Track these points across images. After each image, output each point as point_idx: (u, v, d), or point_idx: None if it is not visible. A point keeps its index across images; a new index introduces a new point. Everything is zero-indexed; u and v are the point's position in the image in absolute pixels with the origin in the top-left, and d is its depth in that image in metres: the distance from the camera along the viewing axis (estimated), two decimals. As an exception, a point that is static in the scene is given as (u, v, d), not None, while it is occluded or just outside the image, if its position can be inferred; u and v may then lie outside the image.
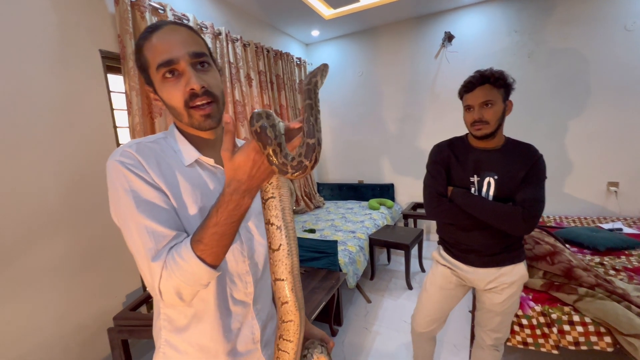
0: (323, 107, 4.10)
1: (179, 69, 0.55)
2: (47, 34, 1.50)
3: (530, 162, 1.09)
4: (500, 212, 1.06)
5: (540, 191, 1.07)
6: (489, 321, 1.25)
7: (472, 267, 1.20)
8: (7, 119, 1.38)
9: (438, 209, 1.18)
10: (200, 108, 0.56)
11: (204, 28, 2.31)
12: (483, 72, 1.08)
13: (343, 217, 3.20)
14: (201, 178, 0.61)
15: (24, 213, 1.43)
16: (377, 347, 1.91)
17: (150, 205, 0.52)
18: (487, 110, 1.08)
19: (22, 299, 1.43)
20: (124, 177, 0.52)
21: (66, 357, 1.59)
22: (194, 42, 0.57)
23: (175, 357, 0.61)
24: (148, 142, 0.59)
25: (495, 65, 3.16)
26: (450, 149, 1.22)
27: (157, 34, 0.56)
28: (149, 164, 0.55)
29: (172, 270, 0.48)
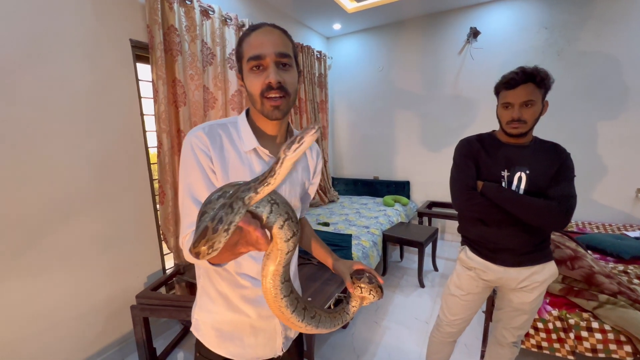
0: (341, 100, 4.09)
1: (264, 64, 0.65)
2: (82, 23, 1.57)
3: (560, 159, 1.09)
4: (536, 207, 1.03)
5: (573, 188, 1.06)
6: (515, 319, 1.23)
7: (502, 267, 1.17)
8: (44, 105, 1.46)
9: (469, 202, 1.15)
10: (272, 99, 0.65)
11: (228, 19, 2.34)
12: (527, 69, 1.04)
13: (357, 212, 3.20)
14: (253, 164, 0.70)
15: (59, 194, 1.51)
16: (387, 341, 1.93)
17: (197, 193, 0.65)
18: (527, 110, 1.06)
19: (54, 274, 1.53)
20: (190, 158, 0.66)
21: (92, 330, 1.70)
22: (282, 44, 0.66)
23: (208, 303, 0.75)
24: (219, 124, 0.71)
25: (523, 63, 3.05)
26: (480, 143, 1.20)
27: (255, 32, 0.66)
28: (214, 146, 0.67)
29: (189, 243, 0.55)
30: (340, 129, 4.20)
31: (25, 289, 1.44)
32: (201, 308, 0.77)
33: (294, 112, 3.26)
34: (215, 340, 0.75)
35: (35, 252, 1.46)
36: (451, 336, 1.37)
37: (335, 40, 4.00)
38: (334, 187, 4.14)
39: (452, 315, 1.32)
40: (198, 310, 0.77)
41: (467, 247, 1.28)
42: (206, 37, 2.19)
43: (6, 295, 1.38)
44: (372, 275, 0.75)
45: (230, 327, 0.75)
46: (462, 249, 1.31)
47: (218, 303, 0.74)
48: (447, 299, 1.34)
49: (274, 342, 0.78)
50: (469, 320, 1.34)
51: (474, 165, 1.18)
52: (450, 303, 1.32)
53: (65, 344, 1.59)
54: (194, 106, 2.12)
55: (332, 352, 1.85)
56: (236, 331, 0.75)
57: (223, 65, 2.32)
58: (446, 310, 1.35)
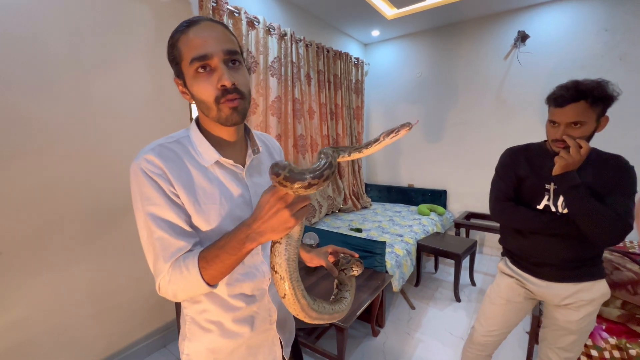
0: (377, 107, 4.07)
1: (211, 65, 0.57)
2: (145, 35, 1.74)
3: (620, 172, 1.00)
4: (604, 214, 0.93)
5: (632, 203, 0.96)
6: (560, 339, 1.15)
7: (545, 282, 1.12)
8: (112, 108, 1.63)
9: (503, 213, 1.14)
10: (229, 101, 0.58)
11: (271, 29, 2.45)
12: (579, 85, 0.94)
13: (391, 220, 3.15)
14: (219, 179, 0.63)
15: (124, 188, 1.68)
16: (419, 354, 1.87)
17: (168, 219, 0.57)
18: (574, 130, 0.97)
19: (114, 263, 1.69)
20: (146, 185, 0.56)
21: (139, 316, 1.84)
22: (228, 39, 0.59)
23: (199, 333, 0.67)
24: (169, 142, 0.62)
25: (580, 68, 2.86)
26: (525, 154, 1.16)
27: (194, 29, 0.57)
28: (170, 168, 0.58)
29: (175, 278, 0.55)
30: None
31: (90, 273, 1.60)
32: (191, 340, 0.68)
33: (330, 117, 3.31)
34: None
35: (98, 242, 1.62)
36: (485, 349, 1.30)
37: (373, 47, 4.01)
38: (367, 193, 4.11)
39: (489, 325, 1.26)
40: (187, 343, 0.69)
41: (508, 258, 1.24)
42: (251, 47, 2.31)
43: (74, 278, 1.55)
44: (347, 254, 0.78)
45: (226, 354, 0.68)
46: (503, 259, 1.27)
47: (211, 331, 0.67)
48: (485, 308, 1.29)
49: (274, 354, 0.75)
50: (506, 334, 1.27)
51: (515, 176, 1.14)
52: (488, 311, 1.27)
53: (116, 328, 1.74)
54: (237, 111, 2.24)
55: (362, 358, 1.83)
56: (234, 357, 0.69)
57: (265, 72, 2.43)
58: (482, 319, 1.29)
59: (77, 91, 1.50)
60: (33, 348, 1.44)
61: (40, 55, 1.38)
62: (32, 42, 1.36)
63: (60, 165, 1.47)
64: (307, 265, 0.87)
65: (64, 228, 1.50)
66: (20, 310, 1.39)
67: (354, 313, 1.61)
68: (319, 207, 3.13)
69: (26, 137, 1.37)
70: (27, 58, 1.35)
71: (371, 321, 2.03)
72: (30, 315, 1.42)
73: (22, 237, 1.38)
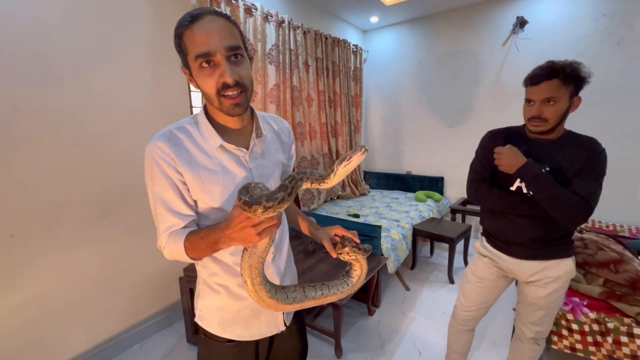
0: (375, 94, 4.08)
1: (214, 61, 0.60)
2: (143, 26, 1.76)
3: (589, 155, 1.03)
4: (566, 199, 0.98)
5: (599, 185, 1.01)
6: (531, 314, 1.23)
7: (515, 259, 1.19)
8: (113, 98, 1.67)
9: (477, 193, 1.20)
10: (230, 97, 0.62)
11: (269, 16, 2.46)
12: (553, 64, 1.00)
13: (388, 206, 3.22)
14: (222, 162, 0.69)
15: (124, 175, 1.74)
16: (412, 332, 1.97)
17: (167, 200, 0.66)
18: (548, 108, 1.02)
19: (119, 245, 1.77)
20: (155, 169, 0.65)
21: (145, 297, 1.93)
22: (230, 35, 0.61)
23: (210, 293, 0.76)
24: (176, 129, 0.68)
25: (576, 54, 2.89)
26: (504, 137, 1.20)
27: (198, 24, 0.59)
28: (178, 154, 0.65)
29: (168, 246, 0.67)
30: (374, 122, 4.20)
31: (98, 256, 1.68)
32: (203, 299, 0.77)
33: (329, 105, 3.33)
34: (219, 327, 0.77)
35: (104, 226, 1.70)
36: (466, 324, 1.39)
37: (372, 33, 3.99)
38: (365, 180, 4.17)
39: (467, 301, 1.34)
40: (201, 300, 0.78)
41: (484, 237, 1.32)
42: (249, 34, 2.32)
43: (83, 260, 1.63)
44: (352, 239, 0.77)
45: (232, 313, 0.76)
46: (480, 239, 1.35)
47: (219, 293, 0.75)
48: (464, 286, 1.38)
49: (277, 319, 0.81)
50: (485, 310, 1.35)
51: (492, 158, 1.16)
52: (466, 289, 1.35)
53: (125, 306, 1.84)
54: (237, 99, 2.28)
55: (358, 336, 1.93)
56: (239, 316, 0.77)
57: (263, 60, 2.45)
58: (462, 297, 1.38)
59: (78, 81, 1.54)
60: (49, 323, 1.54)
61: (42, 46, 1.42)
62: (34, 33, 1.39)
63: (66, 152, 1.53)
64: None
65: (72, 212, 1.57)
66: (35, 288, 1.48)
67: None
68: (318, 193, 3.19)
69: (33, 125, 1.42)
70: (31, 49, 1.39)
71: (367, 301, 2.12)
72: (44, 293, 1.51)
73: (32, 221, 1.45)
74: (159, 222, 0.68)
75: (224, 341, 0.78)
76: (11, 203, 1.38)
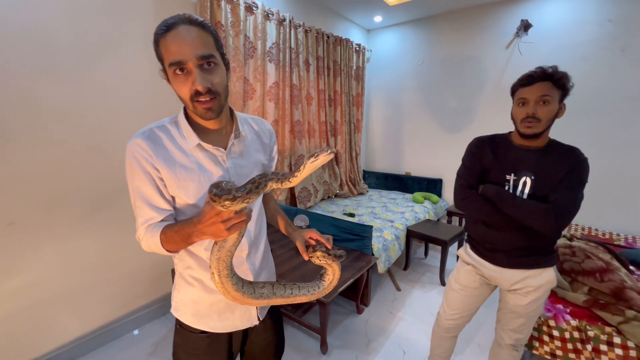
0: (377, 94, 4.08)
1: (187, 68, 0.63)
2: (144, 21, 1.80)
3: (571, 164, 1.04)
4: (529, 208, 1.03)
5: (576, 193, 1.02)
6: (511, 321, 1.24)
7: (498, 267, 1.19)
8: (114, 93, 1.72)
9: (465, 201, 1.19)
10: (203, 103, 0.65)
11: (270, 14, 2.48)
12: (546, 68, 1.03)
13: (384, 206, 3.24)
14: (199, 160, 0.72)
15: (121, 167, 1.79)
16: (399, 332, 2.00)
17: (146, 194, 0.70)
18: (542, 108, 1.03)
19: (114, 236, 1.82)
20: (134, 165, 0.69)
21: (139, 287, 1.99)
22: (202, 44, 0.63)
23: (185, 286, 0.79)
24: (156, 127, 0.72)
25: (580, 59, 2.85)
26: (491, 144, 1.20)
27: (171, 34, 0.62)
28: (156, 152, 0.69)
29: (146, 239, 0.70)
30: (375, 122, 4.20)
31: (95, 245, 1.74)
32: (179, 291, 0.81)
33: (329, 104, 3.35)
34: (194, 319, 0.80)
35: (100, 217, 1.75)
36: (449, 331, 1.39)
37: (376, 33, 3.98)
38: (364, 180, 4.19)
39: (450, 309, 1.35)
40: (176, 292, 0.82)
41: (468, 244, 1.32)
42: (249, 32, 2.35)
43: (81, 248, 1.69)
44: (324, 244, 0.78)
45: (206, 306, 0.79)
46: (464, 246, 1.36)
47: (193, 285, 0.78)
48: (447, 294, 1.38)
49: (250, 314, 0.84)
50: (468, 317, 1.35)
51: (480, 166, 1.19)
52: (450, 297, 1.36)
53: (120, 295, 1.90)
54: (234, 97, 2.31)
55: (344, 333, 1.97)
56: (213, 309, 0.80)
57: (263, 58, 2.48)
58: (445, 305, 1.38)
59: (79, 75, 1.59)
60: (46, 307, 1.60)
61: (46, 41, 1.47)
62: (39, 29, 1.44)
63: (66, 144, 1.58)
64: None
65: (69, 203, 1.63)
66: (33, 273, 1.54)
67: (336, 290, 1.73)
68: (315, 191, 3.22)
69: (35, 117, 1.47)
70: (35, 44, 1.44)
71: (356, 299, 2.15)
72: (43, 278, 1.57)
73: (32, 210, 1.51)
74: (137, 215, 0.72)
75: (197, 332, 0.81)
76: (11, 192, 1.44)
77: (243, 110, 2.41)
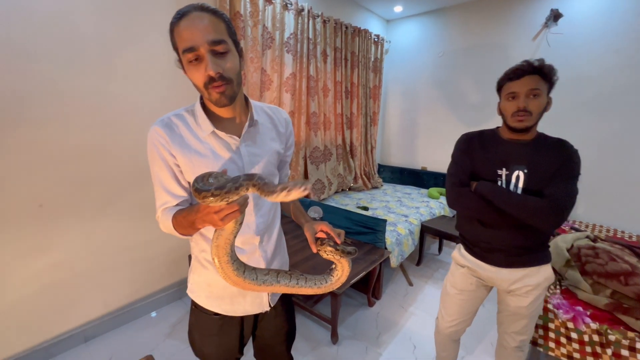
0: (395, 86, 4.01)
1: (199, 55, 0.64)
2: (164, 9, 1.83)
3: (563, 157, 1.03)
4: (527, 205, 1.00)
5: (572, 186, 1.00)
6: (514, 324, 1.21)
7: (495, 267, 1.16)
8: (135, 80, 1.77)
9: (459, 199, 1.14)
10: (216, 87, 0.66)
11: (288, 4, 2.46)
12: (533, 61, 1.03)
13: (399, 201, 3.21)
14: (213, 148, 0.74)
15: (142, 154, 1.84)
16: (410, 326, 1.99)
17: (163, 180, 0.74)
18: (533, 101, 1.02)
19: (135, 222, 1.89)
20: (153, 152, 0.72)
21: (157, 271, 2.07)
22: (214, 29, 0.64)
23: (200, 268, 0.83)
24: (174, 116, 0.74)
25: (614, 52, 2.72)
26: (479, 140, 1.18)
27: (184, 21, 0.64)
28: (173, 139, 0.71)
29: (162, 220, 0.74)
30: (392, 115, 4.13)
31: (114, 229, 1.82)
32: (194, 273, 0.84)
33: (345, 96, 3.31)
34: (207, 300, 0.83)
35: (122, 202, 1.82)
36: (451, 336, 1.37)
37: (395, 23, 3.88)
38: (379, 173, 4.15)
39: (448, 315, 1.31)
40: (192, 275, 0.86)
41: (462, 245, 1.28)
42: (267, 22, 2.34)
43: (104, 231, 1.77)
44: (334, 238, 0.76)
45: (220, 289, 0.82)
46: (457, 247, 1.31)
47: (207, 268, 0.81)
48: (444, 299, 1.34)
49: (261, 299, 0.86)
50: (469, 321, 1.32)
51: (470, 162, 1.16)
52: (447, 303, 1.32)
53: (140, 277, 1.98)
54: (252, 87, 2.33)
55: (355, 325, 1.98)
56: (226, 292, 0.82)
57: (281, 48, 2.47)
58: (443, 311, 1.34)
59: (102, 65, 1.64)
60: (72, 286, 1.69)
61: (70, 32, 1.52)
62: (63, 20, 1.49)
63: (88, 131, 1.64)
64: None
65: (95, 187, 1.70)
66: (61, 253, 1.63)
67: (348, 282, 1.74)
68: (329, 184, 3.22)
69: (60, 106, 1.53)
70: (59, 35, 1.49)
71: (367, 292, 2.16)
72: (68, 258, 1.66)
73: (60, 193, 1.58)
74: (156, 198, 0.77)
75: (211, 314, 0.84)
76: (41, 175, 1.52)
77: (259, 101, 2.42)
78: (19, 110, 1.42)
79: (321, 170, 3.13)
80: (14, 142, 1.43)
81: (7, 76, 1.38)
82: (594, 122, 2.68)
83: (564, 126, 2.69)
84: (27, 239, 1.52)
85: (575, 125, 2.73)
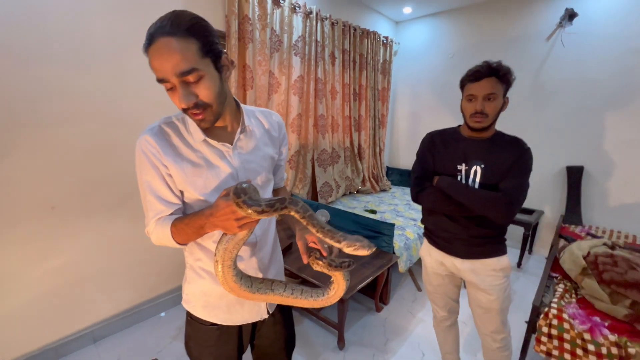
0: (404, 88, 3.97)
1: (172, 85, 0.62)
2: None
3: (517, 154, 1.12)
4: (482, 198, 1.10)
5: (524, 182, 1.10)
6: (489, 323, 1.28)
7: (458, 259, 1.24)
8: (146, 85, 1.79)
9: (421, 193, 1.24)
10: (194, 114, 0.65)
11: (297, 7, 2.46)
12: (491, 63, 1.10)
13: (407, 204, 3.16)
14: (205, 156, 0.72)
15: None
16: (418, 333, 1.95)
17: (155, 189, 0.71)
18: (489, 104, 1.11)
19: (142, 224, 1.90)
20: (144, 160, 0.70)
21: (165, 272, 2.09)
22: (183, 58, 0.59)
23: (195, 278, 0.80)
24: (164, 124, 0.72)
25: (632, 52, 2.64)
26: (441, 138, 1.27)
27: (152, 48, 0.60)
28: (164, 148, 0.69)
29: (156, 232, 0.72)
30: (400, 118, 4.09)
31: (125, 231, 1.84)
32: (189, 283, 0.82)
33: (353, 98, 3.29)
34: (204, 310, 0.81)
35: (131, 205, 1.84)
36: (445, 320, 1.46)
37: (404, 25, 3.85)
38: (387, 176, 4.11)
39: (436, 304, 1.45)
40: (187, 285, 0.83)
41: (426, 238, 1.39)
42: (275, 25, 2.35)
43: (112, 234, 1.79)
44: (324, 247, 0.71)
45: (216, 298, 0.80)
46: (423, 243, 1.43)
47: (203, 278, 0.79)
48: (429, 295, 1.47)
49: (259, 307, 0.85)
50: (455, 304, 1.44)
51: (432, 159, 1.26)
52: (431, 297, 1.46)
53: (145, 280, 2.00)
54: (260, 90, 2.33)
55: (362, 331, 1.95)
56: (222, 301, 0.80)
57: (289, 51, 2.47)
58: (432, 303, 1.49)
59: (113, 66, 1.67)
60: (82, 287, 1.72)
61: (82, 34, 1.55)
62: (75, 22, 1.52)
63: (100, 132, 1.67)
64: None
65: (105, 189, 1.72)
66: (71, 255, 1.66)
67: (355, 287, 1.71)
68: (337, 187, 3.20)
69: (72, 107, 1.56)
70: (72, 36, 1.52)
71: (375, 297, 2.12)
72: (78, 260, 1.69)
73: (71, 195, 1.61)
74: (147, 209, 0.73)
75: (207, 324, 0.82)
76: (53, 178, 1.55)
77: (268, 104, 2.42)
78: (31, 112, 1.45)
79: (329, 172, 3.11)
80: (27, 143, 1.46)
81: (20, 78, 1.41)
82: (611, 123, 2.59)
83: (581, 127, 2.61)
84: (40, 240, 1.55)
85: (593, 125, 2.63)
